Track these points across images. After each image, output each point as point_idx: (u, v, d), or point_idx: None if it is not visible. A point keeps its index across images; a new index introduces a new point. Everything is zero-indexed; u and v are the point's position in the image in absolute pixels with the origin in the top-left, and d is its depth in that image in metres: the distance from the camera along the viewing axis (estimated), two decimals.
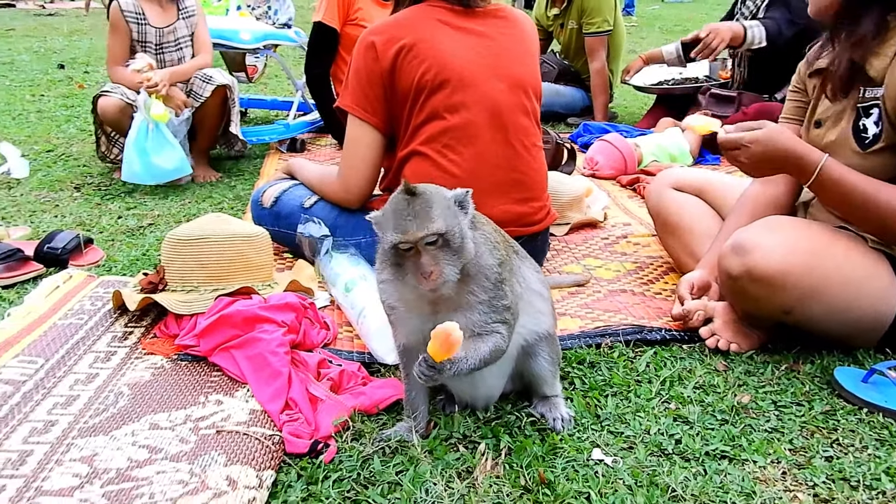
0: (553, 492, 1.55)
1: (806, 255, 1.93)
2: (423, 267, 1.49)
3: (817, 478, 1.59)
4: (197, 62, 3.80)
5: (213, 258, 2.19)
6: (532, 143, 2.42)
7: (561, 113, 5.29)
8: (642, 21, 12.75)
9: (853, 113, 2.01)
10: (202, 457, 1.59)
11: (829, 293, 1.94)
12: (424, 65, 2.25)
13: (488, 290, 1.59)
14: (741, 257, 1.94)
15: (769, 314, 2.01)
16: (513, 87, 2.35)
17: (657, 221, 2.68)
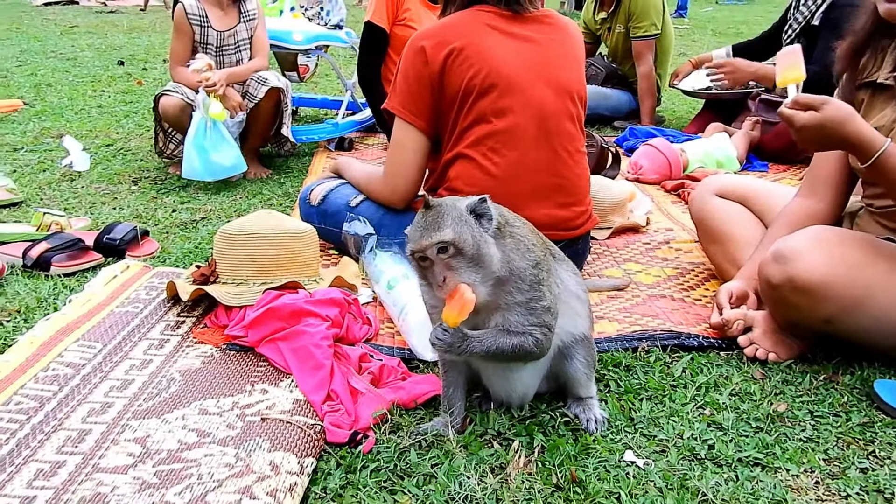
0: (584, 490, 1.58)
1: (849, 265, 1.92)
2: (436, 276, 1.54)
3: (851, 489, 1.59)
4: (254, 65, 3.91)
5: (263, 253, 2.28)
6: (576, 148, 2.44)
7: (607, 116, 5.28)
8: (695, 23, 12.58)
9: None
10: (247, 442, 1.67)
11: (873, 304, 1.92)
12: (473, 68, 2.29)
13: (525, 291, 1.63)
14: (782, 266, 1.94)
15: (809, 324, 2.01)
16: (559, 93, 2.37)
17: (700, 228, 2.68)
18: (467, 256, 1.54)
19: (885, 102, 2.08)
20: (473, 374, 1.86)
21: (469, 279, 1.55)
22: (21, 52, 8.08)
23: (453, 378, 1.79)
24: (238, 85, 3.85)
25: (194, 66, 3.63)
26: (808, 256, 1.92)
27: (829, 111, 1.86)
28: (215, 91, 3.58)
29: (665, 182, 3.87)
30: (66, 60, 7.61)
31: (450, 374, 1.79)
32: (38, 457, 1.63)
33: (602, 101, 5.25)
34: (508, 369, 1.79)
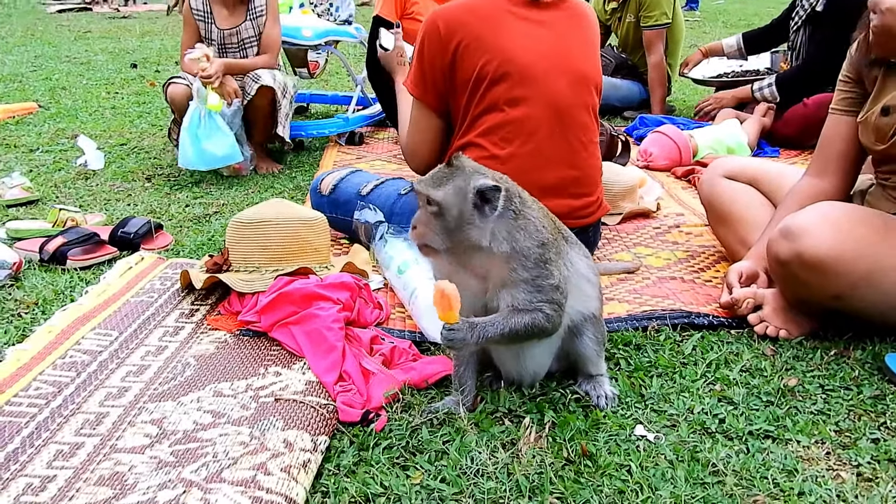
0: (595, 464, 1.59)
1: (858, 240, 1.92)
2: (416, 218, 1.64)
3: (862, 458, 1.59)
4: (259, 61, 3.92)
5: (274, 240, 2.30)
6: (590, 139, 2.43)
7: (618, 106, 5.27)
8: (706, 15, 12.51)
9: None
10: (262, 421, 1.69)
11: (883, 280, 1.92)
12: (487, 55, 2.28)
13: (529, 269, 1.65)
14: (791, 242, 1.94)
15: (819, 300, 2.01)
16: (575, 83, 2.35)
17: (709, 211, 2.68)
18: (445, 223, 1.61)
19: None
20: (485, 353, 1.87)
21: (434, 241, 1.62)
22: (35, 57, 8.18)
23: (464, 357, 1.81)
24: (238, 78, 3.86)
25: (190, 55, 3.67)
26: (817, 232, 1.92)
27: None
28: (211, 82, 3.61)
29: (675, 168, 3.86)
30: (79, 64, 7.69)
31: (461, 353, 1.81)
32: (58, 439, 1.66)
33: (612, 91, 5.24)
34: (520, 348, 1.80)
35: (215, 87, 3.61)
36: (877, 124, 2.08)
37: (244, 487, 1.46)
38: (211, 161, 3.64)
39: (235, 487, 1.47)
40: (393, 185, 2.71)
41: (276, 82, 3.81)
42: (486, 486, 1.53)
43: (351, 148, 4.41)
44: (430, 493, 1.53)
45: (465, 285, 1.68)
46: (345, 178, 2.81)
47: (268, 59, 3.94)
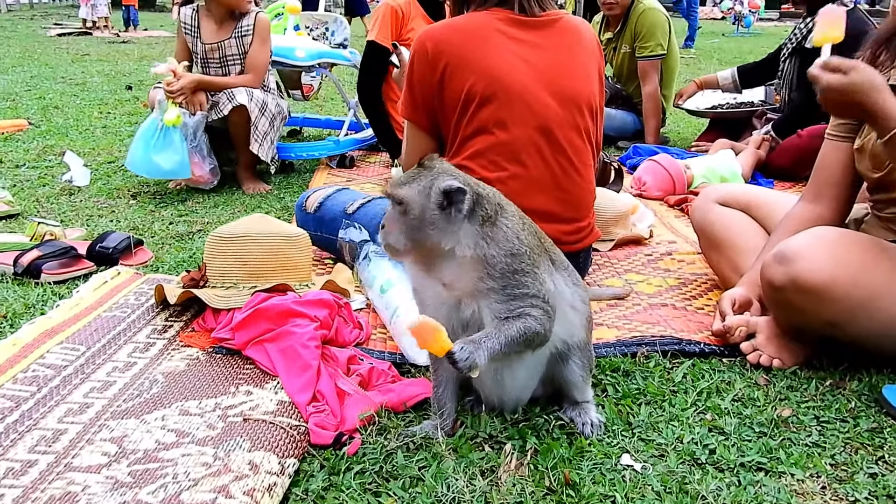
0: (578, 493, 1.51)
1: (854, 266, 1.86)
2: (385, 217, 1.59)
3: (859, 493, 1.51)
4: (236, 79, 3.87)
5: (254, 256, 2.23)
6: (583, 161, 2.35)
7: (612, 136, 5.24)
8: (701, 53, 12.65)
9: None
10: (227, 442, 1.61)
11: (879, 307, 1.85)
12: (474, 76, 2.23)
13: (496, 278, 1.55)
14: (785, 266, 1.88)
15: (814, 327, 1.94)
16: (565, 104, 2.29)
17: (701, 237, 2.62)
18: (408, 221, 1.56)
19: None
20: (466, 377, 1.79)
21: (398, 241, 1.57)
22: (31, 77, 8.17)
23: (444, 378, 1.73)
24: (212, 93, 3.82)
25: (155, 69, 3.67)
26: (812, 256, 1.86)
27: (856, 76, 1.81)
28: (174, 97, 3.58)
29: (668, 197, 3.81)
30: (74, 85, 7.68)
31: (441, 373, 1.73)
32: (10, 456, 1.57)
33: (607, 121, 5.18)
34: (502, 371, 1.71)
35: (178, 101, 3.59)
36: (873, 151, 2.03)
37: None
38: (155, 172, 3.63)
39: None
40: (380, 203, 2.65)
41: (251, 101, 3.74)
42: None
43: (341, 171, 4.36)
44: None
45: (433, 293, 1.62)
46: (331, 196, 2.74)
47: (250, 80, 3.88)
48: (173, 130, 3.60)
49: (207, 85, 3.81)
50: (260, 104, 3.82)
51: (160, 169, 3.60)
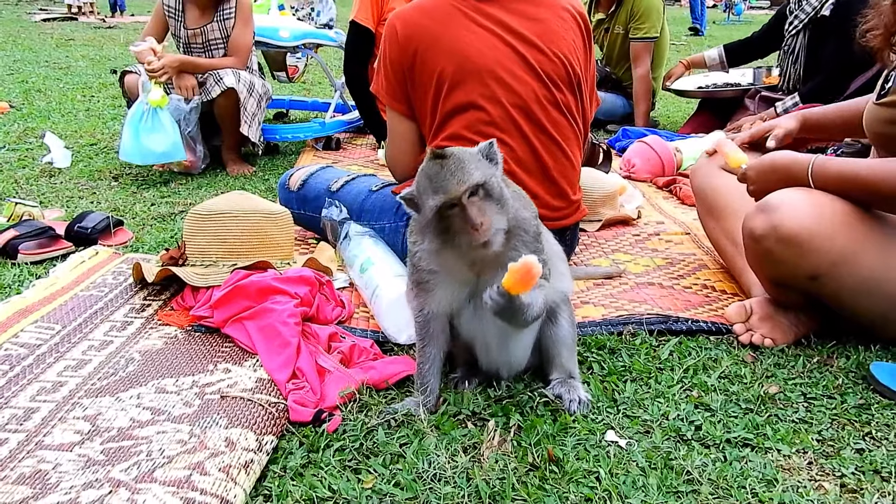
0: (561, 469, 1.48)
1: (837, 218, 1.83)
2: (473, 219, 1.48)
3: (846, 468, 1.49)
4: (221, 61, 3.82)
5: (234, 233, 2.19)
6: (565, 137, 2.32)
7: (601, 119, 5.20)
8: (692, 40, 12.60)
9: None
10: (204, 419, 1.57)
11: (860, 262, 1.82)
12: (444, 59, 2.18)
13: (529, 244, 1.60)
14: (768, 214, 1.85)
15: (795, 281, 1.90)
16: (543, 79, 2.24)
17: (701, 202, 2.52)
18: (494, 198, 1.52)
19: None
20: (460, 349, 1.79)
21: (500, 223, 1.52)
22: (14, 61, 8.05)
23: (431, 354, 1.71)
24: (201, 76, 3.76)
25: (135, 49, 3.61)
26: (795, 205, 1.84)
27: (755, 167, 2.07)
28: (156, 77, 3.51)
29: (657, 179, 3.78)
30: (58, 69, 7.57)
31: (428, 349, 1.70)
32: None
33: None
34: (506, 336, 1.71)
35: (161, 81, 3.52)
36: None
37: (176, 488, 1.34)
38: (149, 156, 3.55)
39: (166, 488, 1.34)
40: (364, 181, 2.61)
41: (239, 83, 3.70)
42: (443, 491, 1.41)
43: (327, 153, 4.31)
44: (381, 497, 1.41)
45: (459, 274, 1.63)
46: (314, 174, 2.70)
47: (234, 62, 3.83)
48: (161, 112, 3.54)
49: (190, 66, 3.74)
50: (248, 85, 3.77)
51: (153, 153, 3.54)
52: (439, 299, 1.67)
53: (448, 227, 1.53)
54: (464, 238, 1.52)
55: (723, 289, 2.39)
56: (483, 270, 1.62)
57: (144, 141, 3.51)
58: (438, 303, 1.67)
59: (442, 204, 1.50)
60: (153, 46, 3.58)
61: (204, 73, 3.77)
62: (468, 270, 1.63)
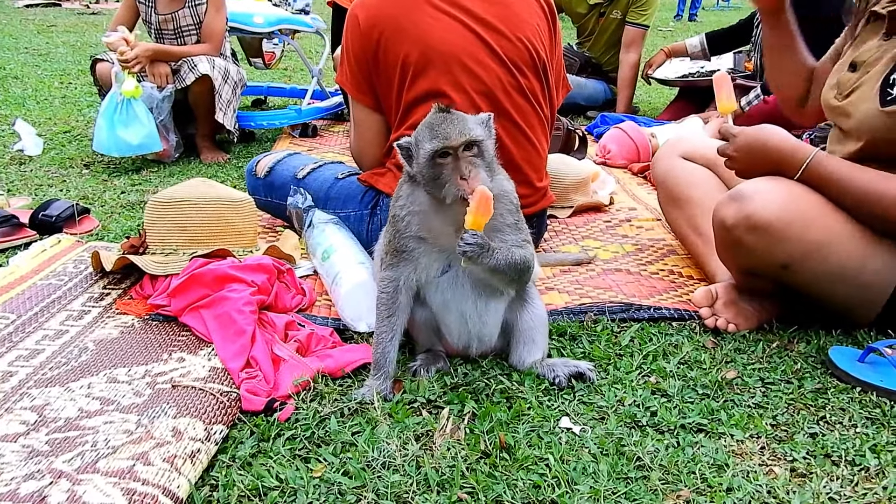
0: (512, 456, 1.47)
1: (809, 207, 1.81)
2: (463, 170, 1.58)
3: (797, 452, 1.49)
4: (194, 48, 3.77)
5: (194, 221, 2.16)
6: (529, 124, 2.29)
7: (582, 105, 5.18)
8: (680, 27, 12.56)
9: (890, 64, 1.85)
10: (153, 409, 1.55)
11: (832, 252, 1.81)
12: (407, 46, 2.15)
13: (513, 212, 1.70)
14: (739, 203, 1.83)
15: (765, 269, 1.89)
16: (504, 65, 2.21)
17: (662, 190, 2.51)
18: (485, 160, 1.62)
19: (873, 33, 1.96)
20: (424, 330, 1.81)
21: (485, 179, 1.59)
22: None
23: (394, 325, 1.71)
24: (174, 64, 3.72)
25: (107, 38, 3.55)
26: (766, 195, 1.82)
27: (747, 134, 1.94)
28: (129, 66, 3.47)
29: (632, 165, 3.77)
30: (37, 56, 7.48)
31: (392, 319, 1.71)
32: None
33: (577, 90, 5.13)
34: (484, 304, 1.75)
35: (134, 71, 3.48)
36: (840, 80, 1.98)
37: (118, 478, 1.32)
38: (125, 148, 3.50)
39: (108, 478, 1.32)
40: (331, 168, 2.58)
41: (214, 69, 3.66)
42: (391, 479, 1.40)
43: (304, 140, 4.28)
44: (329, 486, 1.40)
45: (444, 237, 1.68)
46: (281, 161, 2.67)
47: (207, 48, 3.78)
48: (135, 102, 3.50)
49: (164, 54, 3.70)
50: (223, 72, 3.73)
51: (129, 145, 3.50)
52: (419, 268, 1.71)
53: (437, 176, 1.61)
54: (450, 188, 1.60)
55: (689, 274, 2.38)
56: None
57: (120, 133, 3.47)
58: (417, 272, 1.72)
59: (440, 149, 1.59)
60: (125, 36, 3.53)
61: (178, 60, 3.72)
62: (454, 235, 1.65)
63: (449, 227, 1.66)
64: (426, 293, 1.75)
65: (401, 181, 1.74)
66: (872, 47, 1.93)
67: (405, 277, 1.71)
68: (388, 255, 1.72)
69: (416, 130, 1.66)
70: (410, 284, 1.72)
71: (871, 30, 1.98)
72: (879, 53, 1.90)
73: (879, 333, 1.93)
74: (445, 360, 1.82)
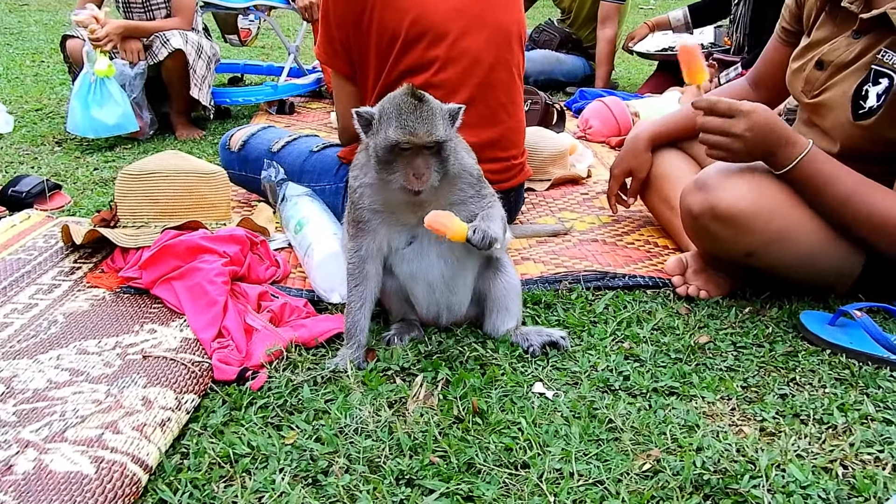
0: (485, 421, 1.48)
1: (773, 197, 1.82)
2: (417, 168, 1.56)
3: (767, 413, 1.50)
4: (167, 23, 3.71)
5: (166, 193, 2.14)
6: (511, 99, 2.28)
7: (562, 81, 5.15)
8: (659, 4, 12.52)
9: (863, 73, 1.83)
10: (122, 379, 1.54)
11: (795, 240, 1.82)
12: (398, 13, 2.08)
13: (473, 185, 1.70)
14: (704, 193, 1.84)
15: (731, 256, 1.91)
16: (495, 39, 2.18)
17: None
18: (441, 157, 1.59)
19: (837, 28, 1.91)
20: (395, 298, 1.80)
21: (435, 179, 1.59)
22: None
23: (362, 293, 1.71)
24: (146, 40, 3.66)
25: (76, 17, 3.49)
26: (731, 185, 1.82)
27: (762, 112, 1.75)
28: (101, 45, 3.41)
29: (611, 138, 3.76)
30: (9, 35, 7.33)
31: (360, 288, 1.71)
32: None
33: (557, 65, 5.13)
34: (451, 274, 1.74)
35: (106, 50, 3.42)
36: (808, 77, 1.97)
37: (86, 447, 1.31)
38: (100, 129, 3.45)
39: (76, 447, 1.31)
40: (305, 142, 2.55)
41: (187, 44, 3.60)
42: (364, 444, 1.40)
43: (281, 117, 4.23)
44: (301, 452, 1.39)
45: (401, 210, 1.67)
46: (255, 135, 2.63)
47: (178, 22, 3.71)
48: (109, 82, 3.44)
49: (135, 30, 3.63)
50: (196, 47, 3.67)
51: (105, 125, 3.44)
52: (379, 239, 1.70)
53: (390, 162, 1.59)
54: (398, 178, 1.59)
55: (665, 244, 2.39)
56: (422, 214, 1.63)
57: (94, 113, 3.41)
58: (378, 242, 1.70)
59: (402, 141, 1.55)
60: (95, 14, 3.46)
61: (149, 35, 3.66)
62: (408, 211, 1.65)
63: (400, 203, 1.64)
64: (392, 264, 1.74)
65: (358, 149, 1.72)
66: (841, 46, 1.89)
67: (367, 247, 1.69)
68: (349, 225, 1.71)
69: (382, 106, 1.60)
70: (374, 254, 1.70)
71: (836, 23, 1.92)
72: (849, 55, 1.86)
73: (849, 297, 1.94)
74: (420, 329, 1.81)
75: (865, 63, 1.82)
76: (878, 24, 1.81)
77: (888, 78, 1.78)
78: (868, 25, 1.83)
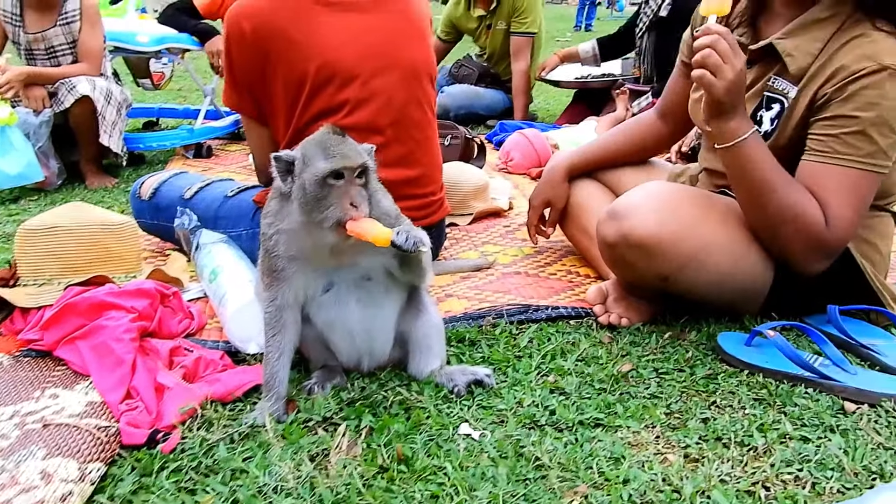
0: (410, 468, 1.43)
1: (683, 221, 1.86)
2: (353, 197, 1.51)
3: (690, 438, 1.51)
4: (73, 69, 3.60)
5: (68, 248, 2.04)
6: (426, 136, 2.28)
7: (482, 114, 5.23)
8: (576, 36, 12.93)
9: (756, 100, 1.91)
10: (19, 452, 1.43)
11: (708, 261, 1.86)
12: (305, 59, 2.06)
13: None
14: (617, 222, 1.87)
15: (647, 282, 1.94)
16: (406, 77, 2.18)
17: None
18: (369, 189, 1.57)
19: None
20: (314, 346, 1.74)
21: (365, 210, 1.53)
22: None
23: (280, 343, 1.64)
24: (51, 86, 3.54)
25: None
26: (642, 213, 1.85)
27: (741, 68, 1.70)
28: (2, 93, 3.29)
29: (531, 170, 3.82)
30: None
31: (278, 337, 1.64)
32: None
33: (476, 100, 5.21)
34: (370, 320, 1.69)
35: (7, 97, 3.29)
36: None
37: None
38: (2, 180, 3.30)
39: None
40: (219, 186, 2.49)
41: (95, 90, 3.48)
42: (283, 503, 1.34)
43: (198, 161, 4.13)
44: None
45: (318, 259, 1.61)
46: (167, 181, 2.55)
47: (85, 68, 3.60)
48: (10, 130, 3.30)
49: (38, 77, 3.51)
50: (105, 93, 3.55)
51: (7, 176, 3.29)
52: (295, 287, 1.63)
53: (323, 197, 1.51)
54: (334, 211, 1.51)
55: (587, 273, 2.42)
56: (343, 257, 1.60)
57: None
58: (294, 291, 1.64)
59: (338, 168, 1.50)
60: None
61: (54, 82, 3.54)
62: (328, 256, 1.60)
63: (321, 248, 1.58)
64: (310, 312, 1.68)
65: (270, 196, 1.64)
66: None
67: (283, 296, 1.62)
68: (264, 274, 1.65)
69: (304, 147, 1.56)
70: (291, 303, 1.64)
71: None
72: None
73: (764, 317, 1.99)
74: (342, 375, 1.76)
75: (758, 90, 1.90)
76: (765, 53, 1.89)
77: (779, 103, 1.86)
78: (757, 55, 1.91)
